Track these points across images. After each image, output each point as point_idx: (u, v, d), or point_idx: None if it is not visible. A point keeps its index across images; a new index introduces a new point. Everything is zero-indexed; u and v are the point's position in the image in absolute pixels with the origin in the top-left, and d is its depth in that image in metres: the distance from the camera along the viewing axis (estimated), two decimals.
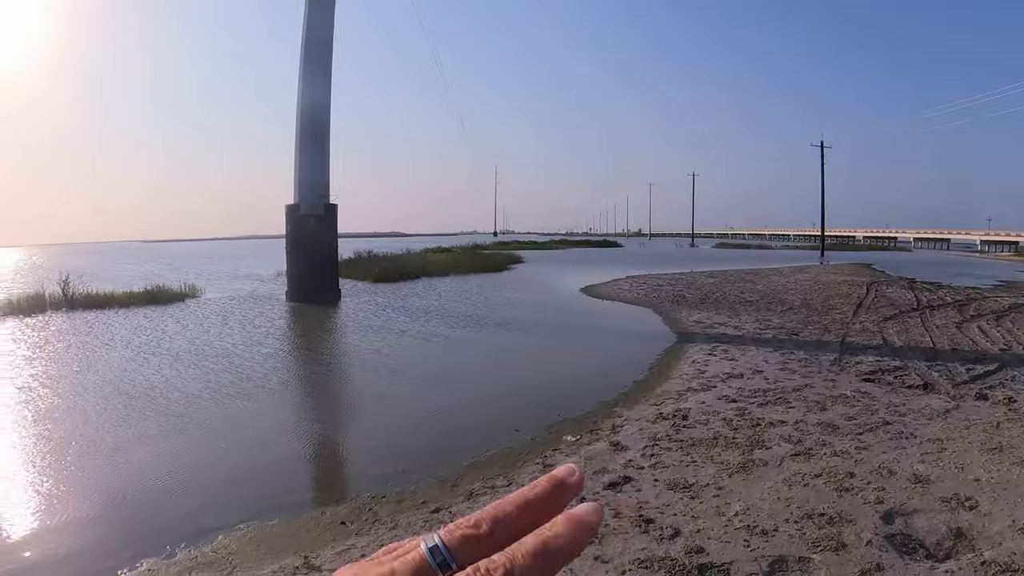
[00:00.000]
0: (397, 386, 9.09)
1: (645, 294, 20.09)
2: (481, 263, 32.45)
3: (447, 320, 15.23)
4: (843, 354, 10.03)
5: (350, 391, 9.18)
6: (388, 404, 8.26)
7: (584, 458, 5.72)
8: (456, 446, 6.36)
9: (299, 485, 5.68)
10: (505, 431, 6.72)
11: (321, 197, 19.25)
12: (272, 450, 6.46)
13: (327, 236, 19.63)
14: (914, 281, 24.92)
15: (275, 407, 8.08)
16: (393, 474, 5.61)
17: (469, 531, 0.38)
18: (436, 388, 9.06)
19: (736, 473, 5.13)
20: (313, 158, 19.31)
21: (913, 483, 4.81)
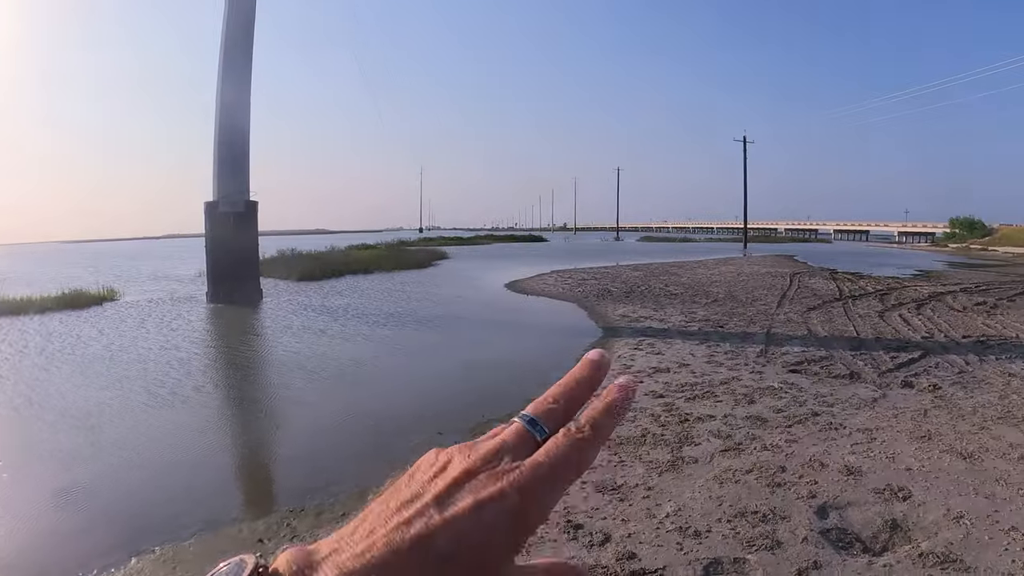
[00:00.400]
0: (316, 390, 8.78)
1: (570, 288, 20.23)
2: (405, 260, 32.77)
3: (369, 319, 14.99)
4: (769, 345, 10.30)
5: (267, 397, 8.71)
6: (306, 410, 7.92)
7: None
8: (377, 453, 6.16)
9: (215, 501, 5.33)
10: (427, 434, 6.57)
11: (241, 194, 19.17)
12: (185, 464, 6.12)
13: (247, 234, 19.38)
14: (835, 272, 26.17)
15: (189, 416, 7.63)
16: (312, 486, 5.44)
17: (550, 405, 0.48)
18: (356, 391, 8.76)
19: (666, 472, 5.09)
20: (233, 154, 19.03)
21: (845, 475, 4.89)
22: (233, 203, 18.90)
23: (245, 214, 19.23)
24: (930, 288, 19.12)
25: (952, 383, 7.80)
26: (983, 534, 4.00)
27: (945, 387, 7.59)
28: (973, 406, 6.79)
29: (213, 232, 18.95)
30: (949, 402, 6.96)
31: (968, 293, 17.91)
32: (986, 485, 4.76)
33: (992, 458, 5.29)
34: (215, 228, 18.90)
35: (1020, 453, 5.39)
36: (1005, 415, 6.48)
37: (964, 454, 5.35)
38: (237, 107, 19.22)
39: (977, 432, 5.93)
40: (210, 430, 7.23)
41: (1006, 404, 6.86)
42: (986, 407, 6.75)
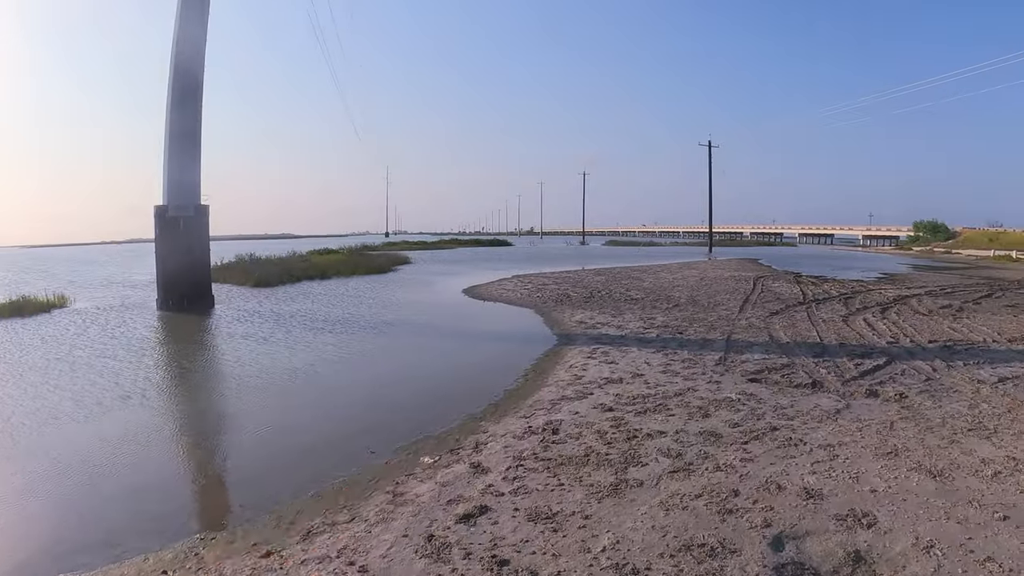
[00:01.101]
0: (246, 402, 8.20)
1: (529, 294, 19.80)
2: (365, 264, 32.45)
3: (318, 325, 14.43)
4: (728, 352, 9.93)
5: (191, 411, 8.03)
6: (233, 424, 7.36)
7: (439, 484, 5.05)
8: (301, 473, 5.69)
9: (123, 526, 4.80)
10: (360, 453, 6.12)
11: (191, 197, 18.59)
12: (95, 484, 5.60)
13: (198, 239, 18.84)
14: (799, 275, 26.14)
15: (106, 429, 7.05)
16: (227, 509, 5.06)
17: None
18: (289, 403, 8.17)
19: (607, 497, 4.60)
20: (183, 155, 18.52)
21: (804, 499, 4.46)
22: (182, 207, 18.45)
23: (195, 218, 18.76)
24: (895, 291, 19.07)
25: (919, 391, 7.47)
26: (956, 567, 3.59)
27: (912, 396, 7.26)
28: (942, 417, 6.45)
29: (163, 237, 18.49)
30: (916, 412, 6.60)
31: (933, 296, 17.87)
32: (958, 508, 4.36)
33: (964, 476, 4.91)
34: (165, 233, 18.43)
35: (993, 470, 5.02)
36: (976, 426, 6.14)
37: (934, 472, 4.96)
38: (187, 109, 18.76)
39: (947, 446, 5.57)
40: (126, 445, 6.61)
41: (976, 414, 6.54)
42: (955, 418, 6.42)
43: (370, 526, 4.41)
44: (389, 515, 4.55)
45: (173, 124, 18.55)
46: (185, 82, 18.66)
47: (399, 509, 4.64)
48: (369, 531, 4.33)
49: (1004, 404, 6.93)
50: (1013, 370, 8.62)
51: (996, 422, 6.28)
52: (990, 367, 8.83)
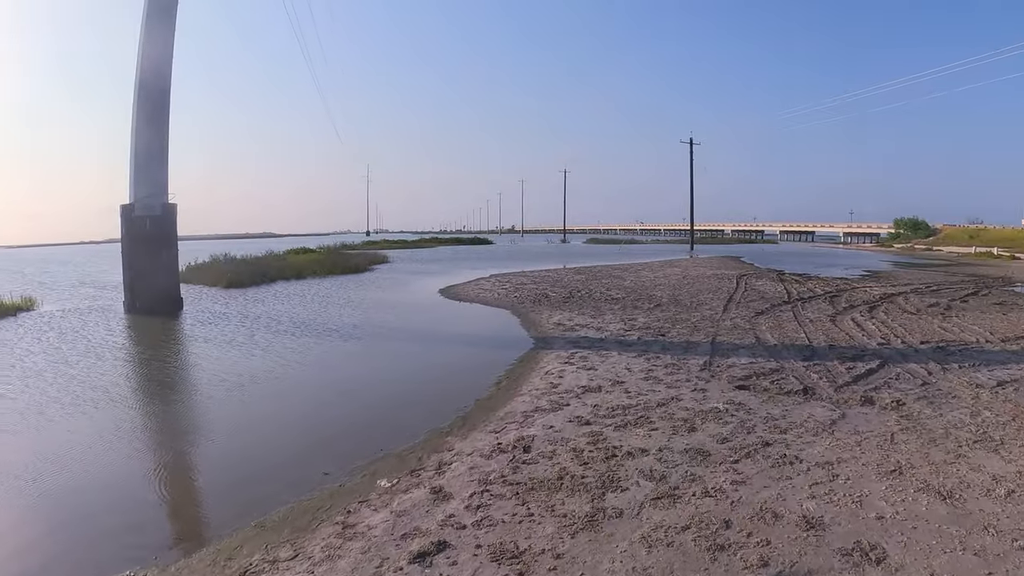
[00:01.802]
0: (196, 415, 7.81)
1: (506, 294, 19.35)
2: (341, 264, 32.21)
3: (283, 328, 13.99)
4: (714, 356, 9.51)
5: (137, 424, 7.42)
6: (176, 441, 6.85)
7: (395, 514, 4.55)
8: (247, 496, 5.24)
9: (46, 560, 4.38)
10: (312, 473, 5.63)
11: (158, 196, 18.32)
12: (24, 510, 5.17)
13: (165, 239, 18.54)
14: (783, 273, 25.93)
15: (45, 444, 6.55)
16: (160, 543, 4.60)
17: None
18: (241, 416, 7.70)
19: (582, 531, 4.13)
20: (149, 153, 18.26)
21: (804, 530, 4.01)
22: (149, 206, 18.16)
23: (163, 217, 18.44)
24: (881, 289, 18.83)
25: (917, 398, 7.09)
26: None
27: (910, 403, 6.87)
28: (944, 427, 6.05)
29: (129, 237, 18.19)
30: (917, 422, 6.21)
31: (919, 294, 17.64)
32: (974, 536, 3.95)
33: (976, 497, 4.50)
34: (131, 233, 18.14)
35: (1006, 488, 4.62)
36: (981, 437, 5.75)
37: (943, 493, 4.55)
38: (154, 106, 18.43)
39: (954, 461, 5.17)
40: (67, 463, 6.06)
41: (979, 423, 6.16)
42: (959, 428, 6.03)
43: (313, 565, 3.91)
44: (336, 552, 4.05)
45: (140, 120, 18.22)
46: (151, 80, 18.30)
47: (348, 544, 4.14)
48: (311, 572, 3.83)
49: (1007, 411, 6.56)
50: (1011, 372, 8.29)
51: (1002, 432, 5.90)
52: (987, 369, 8.49)
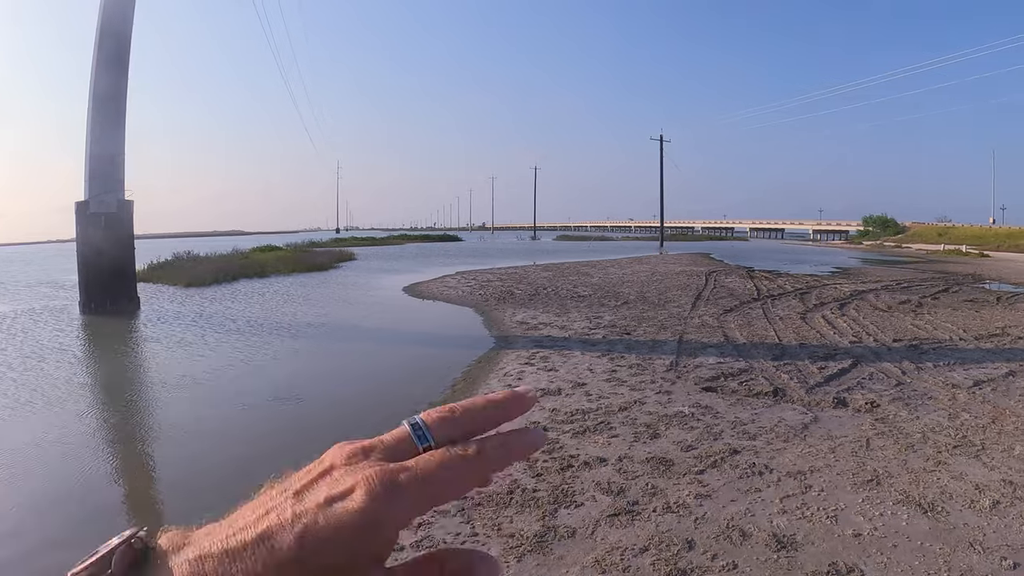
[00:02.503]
0: (132, 425, 7.27)
1: (471, 291, 18.93)
2: (307, 262, 32.02)
3: (239, 328, 13.50)
4: (680, 356, 9.17)
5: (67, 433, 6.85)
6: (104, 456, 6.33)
7: None
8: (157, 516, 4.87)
9: None
10: (232, 496, 5.00)
11: (113, 192, 17.85)
12: None
13: (121, 237, 18.05)
14: (752, 270, 25.81)
15: None
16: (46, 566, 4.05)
17: (445, 416, 0.46)
18: (174, 427, 7.17)
19: (529, 553, 3.72)
20: (105, 149, 17.80)
21: (775, 550, 3.64)
22: (105, 203, 17.71)
23: (118, 215, 17.97)
24: (851, 286, 18.73)
25: (892, 399, 6.80)
26: None
27: (885, 404, 6.58)
28: (922, 431, 5.75)
29: (84, 235, 17.73)
30: (893, 426, 5.90)
31: (890, 291, 17.55)
32: (959, 555, 3.62)
33: (959, 509, 4.17)
34: (86, 231, 17.68)
35: (991, 499, 4.31)
36: (961, 442, 5.46)
37: (924, 505, 4.22)
38: (111, 101, 17.97)
39: (934, 469, 4.85)
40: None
41: (958, 427, 5.87)
42: (937, 431, 5.73)
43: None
44: None
45: (96, 115, 17.77)
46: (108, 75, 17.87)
47: None
48: None
49: (986, 413, 6.30)
50: (987, 372, 8.06)
51: (982, 436, 5.62)
52: (962, 369, 8.26)
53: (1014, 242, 48.60)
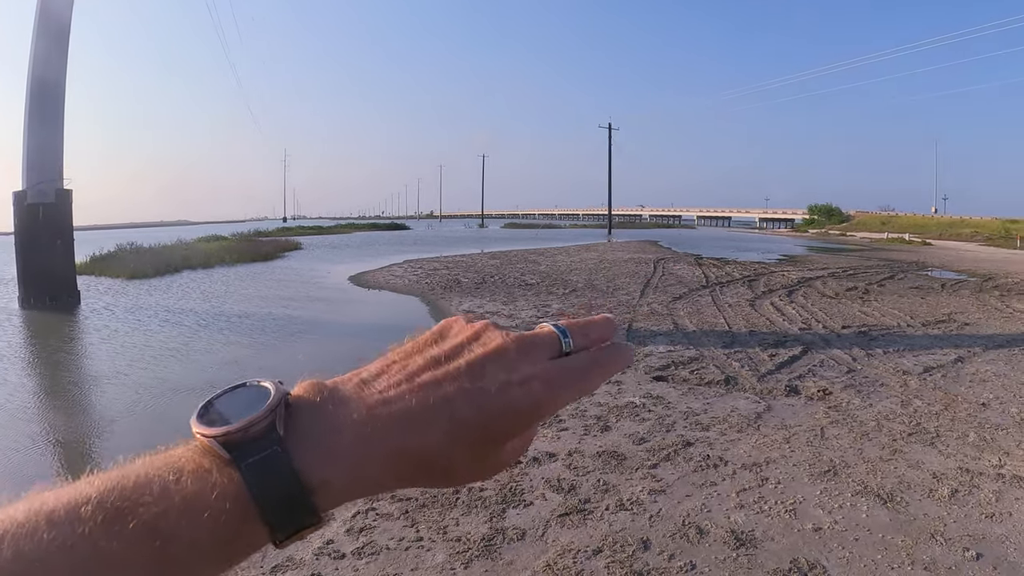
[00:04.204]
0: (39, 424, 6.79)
1: (418, 280, 18.63)
2: (251, 252, 31.55)
3: (178, 320, 13.08)
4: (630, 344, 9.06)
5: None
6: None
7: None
8: None
9: None
10: None
11: (51, 182, 17.29)
12: None
13: (59, 228, 17.49)
14: (701, 257, 26.07)
15: None
16: None
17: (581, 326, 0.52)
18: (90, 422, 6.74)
19: (476, 559, 3.51)
20: (42, 135, 17.27)
21: (734, 548, 3.51)
22: (42, 192, 17.15)
23: (56, 205, 17.44)
24: (798, 273, 19.01)
25: (844, 386, 6.80)
26: None
27: (837, 392, 6.56)
28: (876, 418, 5.73)
29: (22, 226, 17.23)
30: (846, 414, 5.87)
31: (837, 278, 17.85)
32: (921, 546, 3.55)
33: (918, 499, 4.12)
34: (23, 222, 17.19)
35: (949, 487, 4.27)
36: (916, 429, 5.45)
37: (883, 496, 4.15)
38: (48, 87, 17.45)
39: (890, 458, 4.80)
40: None
41: (911, 414, 5.87)
42: (891, 419, 5.72)
43: None
44: None
45: (32, 102, 17.25)
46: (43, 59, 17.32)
47: None
48: None
49: (938, 400, 6.33)
50: (936, 358, 8.16)
51: (935, 423, 5.62)
52: (911, 355, 8.34)
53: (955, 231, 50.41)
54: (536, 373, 0.47)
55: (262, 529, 0.41)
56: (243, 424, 0.43)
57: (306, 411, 0.45)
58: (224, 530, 0.40)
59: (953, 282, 17.38)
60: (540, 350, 0.49)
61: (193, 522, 0.39)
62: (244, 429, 0.42)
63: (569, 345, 0.51)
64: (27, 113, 17.28)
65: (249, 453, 0.42)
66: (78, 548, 0.36)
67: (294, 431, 0.44)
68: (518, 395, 0.46)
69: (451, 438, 0.45)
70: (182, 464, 0.42)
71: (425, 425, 0.44)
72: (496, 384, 0.46)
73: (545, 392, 0.47)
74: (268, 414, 0.43)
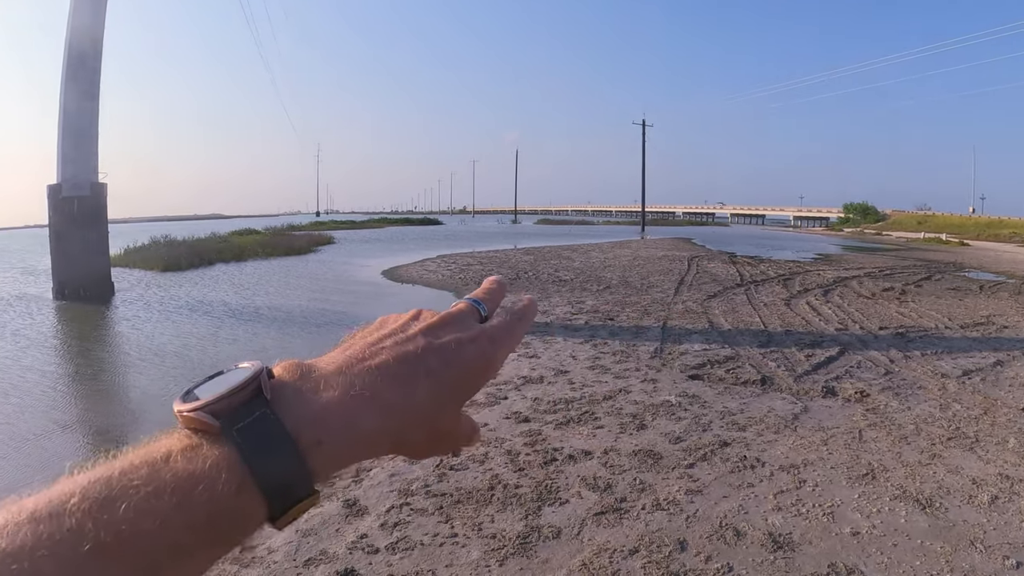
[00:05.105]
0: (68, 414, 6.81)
1: (451, 275, 18.72)
2: (285, 245, 31.76)
3: (212, 315, 13.21)
4: (665, 342, 8.99)
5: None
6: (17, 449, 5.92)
7: (300, 533, 3.83)
8: None
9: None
10: None
11: (86, 175, 17.48)
12: None
13: (94, 221, 17.71)
14: (735, 255, 25.74)
15: None
16: None
17: (485, 296, 0.59)
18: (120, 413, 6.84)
19: (512, 556, 3.50)
20: (78, 131, 17.40)
21: (771, 551, 3.46)
22: (77, 186, 17.34)
23: (91, 198, 17.60)
24: (833, 273, 18.68)
25: (881, 388, 6.65)
26: None
27: (875, 394, 6.43)
28: (914, 422, 5.61)
29: (56, 219, 17.41)
30: (884, 416, 5.75)
31: (873, 278, 17.49)
32: (960, 553, 3.46)
33: (958, 505, 4.02)
34: (58, 215, 17.35)
35: (989, 494, 4.16)
36: (955, 433, 5.31)
37: (922, 501, 4.05)
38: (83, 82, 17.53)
39: (929, 463, 4.69)
40: None
41: (950, 417, 5.73)
42: (929, 422, 5.58)
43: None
44: None
45: (68, 96, 17.36)
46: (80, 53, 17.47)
47: (243, 573, 3.43)
48: None
49: (977, 404, 6.17)
50: (975, 361, 7.95)
51: (975, 427, 5.48)
52: (950, 357, 8.14)
53: (993, 231, 49.08)
54: (478, 333, 0.53)
55: (259, 501, 0.40)
56: (228, 390, 0.42)
57: (290, 379, 0.46)
58: (220, 506, 0.39)
59: (992, 284, 16.93)
60: (469, 317, 0.56)
61: (187, 499, 0.38)
62: (229, 396, 0.42)
63: (484, 311, 0.58)
64: (62, 107, 17.45)
65: (238, 418, 0.41)
66: (66, 542, 0.34)
67: (281, 395, 0.44)
68: (472, 351, 0.52)
69: (431, 392, 0.48)
70: (170, 446, 0.40)
71: (406, 379, 0.48)
72: (454, 341, 0.51)
73: (491, 346, 0.53)
74: (253, 379, 0.43)
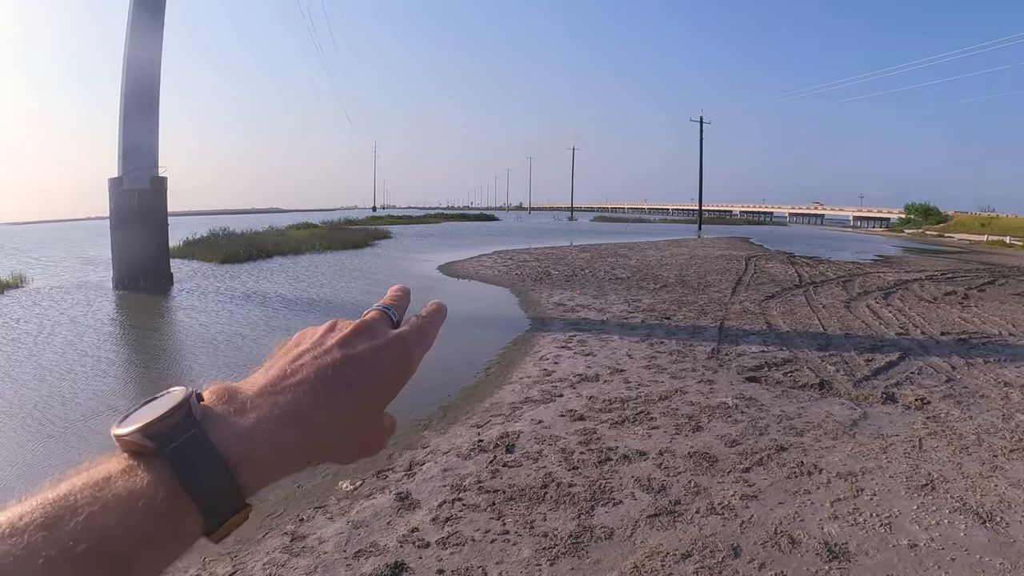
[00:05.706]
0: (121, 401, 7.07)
1: (507, 271, 18.75)
2: (342, 239, 31.72)
3: (268, 305, 13.58)
4: (722, 343, 8.89)
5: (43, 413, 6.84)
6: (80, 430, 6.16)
7: (351, 525, 3.95)
8: None
9: None
10: None
11: (147, 169, 18.06)
12: None
13: (155, 213, 18.31)
14: (793, 256, 25.20)
15: None
16: None
17: (394, 303, 0.63)
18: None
19: (563, 556, 3.54)
20: (138, 124, 17.92)
21: (826, 560, 3.42)
22: (138, 179, 17.88)
23: (152, 191, 18.14)
24: (894, 275, 18.12)
25: (942, 396, 6.46)
26: None
27: (935, 402, 6.25)
28: (975, 431, 5.44)
29: (117, 212, 17.93)
30: (945, 425, 5.59)
31: (935, 281, 16.91)
32: (1020, 571, 3.36)
33: (1019, 520, 3.89)
34: (119, 208, 17.87)
35: None
36: (1017, 445, 5.13)
37: (982, 515, 3.94)
38: (144, 74, 18.02)
39: (990, 475, 4.55)
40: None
41: (1013, 428, 5.53)
42: (991, 433, 5.41)
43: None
44: (279, 571, 3.48)
45: (128, 91, 17.80)
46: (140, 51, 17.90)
47: (293, 561, 3.57)
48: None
49: None
50: None
51: None
52: (1013, 366, 7.85)
53: None
54: (391, 339, 0.56)
55: (195, 516, 0.43)
56: (160, 414, 0.45)
57: (218, 401, 0.48)
58: (159, 521, 0.42)
59: None
60: (381, 324, 0.58)
61: (128, 517, 0.40)
62: (161, 420, 0.45)
63: (395, 315, 0.61)
64: (123, 101, 17.91)
65: (171, 439, 0.44)
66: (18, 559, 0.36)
67: (210, 417, 0.47)
68: (387, 357, 0.54)
69: (351, 402, 0.51)
70: (110, 468, 0.43)
71: (326, 392, 0.50)
72: (368, 350, 0.53)
73: (405, 350, 0.56)
74: (183, 403, 0.46)
